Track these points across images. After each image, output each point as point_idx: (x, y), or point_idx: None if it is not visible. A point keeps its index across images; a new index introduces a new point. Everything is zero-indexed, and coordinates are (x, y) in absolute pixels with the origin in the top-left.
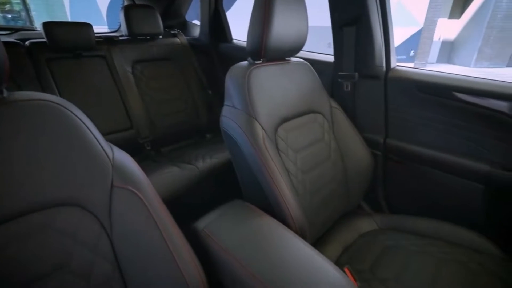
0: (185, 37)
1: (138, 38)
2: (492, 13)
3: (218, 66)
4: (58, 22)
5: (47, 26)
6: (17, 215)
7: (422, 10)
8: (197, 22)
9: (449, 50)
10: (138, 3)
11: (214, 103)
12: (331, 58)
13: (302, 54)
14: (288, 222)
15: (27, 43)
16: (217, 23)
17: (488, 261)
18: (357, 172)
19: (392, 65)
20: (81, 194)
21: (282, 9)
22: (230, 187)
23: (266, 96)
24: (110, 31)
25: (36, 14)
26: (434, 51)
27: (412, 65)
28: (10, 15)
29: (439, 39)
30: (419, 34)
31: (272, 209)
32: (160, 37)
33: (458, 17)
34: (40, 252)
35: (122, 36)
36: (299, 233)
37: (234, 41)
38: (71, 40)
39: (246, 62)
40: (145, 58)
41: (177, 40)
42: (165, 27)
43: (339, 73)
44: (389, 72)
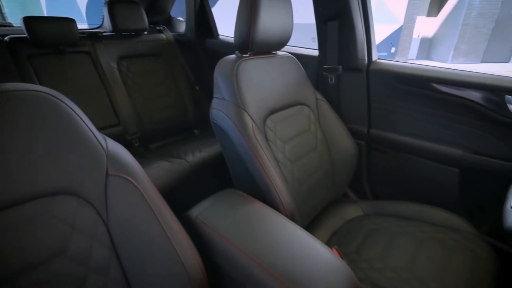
0: (170, 33)
1: (123, 34)
2: (466, 11)
3: (204, 62)
4: (39, 17)
5: (28, 21)
6: (14, 204)
7: (402, 7)
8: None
9: (428, 47)
10: None
11: (202, 99)
12: (316, 52)
13: (288, 48)
14: (279, 208)
15: (7, 39)
16: (203, 19)
17: (462, 237)
18: (342, 161)
19: (373, 58)
20: (76, 183)
21: (268, 3)
22: (221, 180)
23: (254, 88)
24: (93, 28)
25: (8, 11)
26: (414, 48)
27: None
28: None
29: (418, 36)
30: (400, 31)
31: (263, 196)
32: (145, 33)
33: (436, 15)
34: (38, 239)
35: (105, 32)
36: (290, 218)
37: (221, 36)
38: (54, 35)
39: (234, 56)
40: (130, 54)
41: (162, 36)
42: (150, 23)
43: (324, 66)
44: (370, 64)
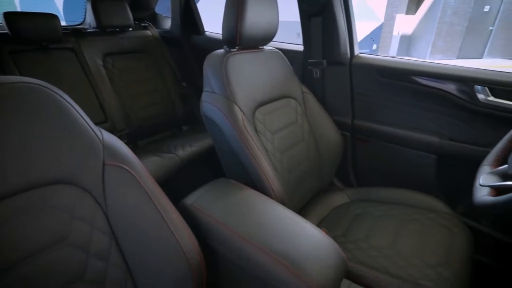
0: (156, 29)
1: (107, 30)
2: (442, 9)
3: (191, 58)
4: (21, 12)
5: (9, 16)
6: (13, 193)
7: (382, 5)
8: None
9: (407, 44)
10: None
11: (189, 95)
12: (301, 48)
13: (274, 44)
14: (270, 195)
15: None
16: (188, 15)
17: (439, 217)
18: (328, 151)
19: (355, 52)
20: (73, 173)
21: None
22: (212, 173)
23: (243, 81)
24: (75, 24)
25: None
26: (395, 45)
27: None
28: None
29: (398, 34)
30: (380, 28)
31: (254, 185)
32: (130, 29)
33: (414, 12)
34: (38, 227)
35: (89, 28)
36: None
37: (207, 33)
38: (36, 31)
39: (222, 50)
40: (116, 51)
41: (148, 32)
42: (134, 20)
43: (309, 60)
44: (353, 58)
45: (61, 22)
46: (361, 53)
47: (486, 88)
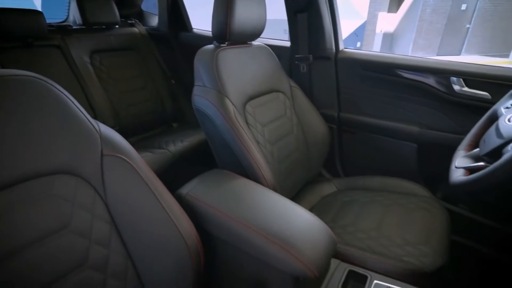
0: (143, 26)
1: (94, 27)
2: (422, 7)
3: (179, 56)
4: (4, 8)
5: None
6: (14, 183)
7: (364, 4)
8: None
9: (390, 42)
10: None
11: (178, 93)
12: (288, 44)
13: (262, 41)
14: (262, 184)
15: None
16: (175, 12)
17: (420, 201)
18: (316, 143)
19: (340, 47)
20: (73, 163)
21: None
22: (204, 166)
23: (233, 75)
24: (59, 22)
25: None
26: (378, 43)
27: None
28: None
29: (381, 31)
30: (364, 26)
31: (247, 174)
32: (116, 26)
33: (395, 11)
34: (41, 214)
35: (74, 25)
36: None
37: (194, 30)
38: (21, 27)
39: (212, 46)
40: (103, 48)
41: (135, 29)
42: (120, 17)
43: (296, 56)
44: (338, 53)
45: None
46: (345, 48)
47: (461, 79)
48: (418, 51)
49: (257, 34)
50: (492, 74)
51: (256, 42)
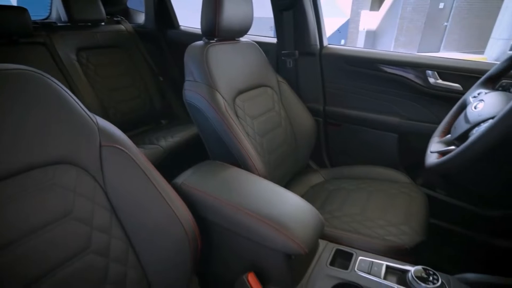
0: (129, 24)
1: (79, 24)
2: (403, 6)
3: (167, 53)
4: None
5: None
6: (17, 172)
7: (347, 2)
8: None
9: (372, 39)
10: None
11: (166, 89)
12: (274, 40)
13: (250, 37)
14: (253, 173)
15: None
16: (162, 10)
17: (401, 187)
18: (303, 136)
19: (324, 43)
20: (72, 154)
21: None
22: (196, 160)
23: (223, 70)
24: (41, 19)
25: None
26: (361, 40)
27: None
28: None
29: (364, 29)
30: (347, 24)
31: (238, 165)
32: (102, 24)
33: (377, 9)
34: (44, 202)
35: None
36: None
37: (182, 27)
38: (5, 24)
39: (201, 42)
40: (89, 46)
41: (121, 27)
42: (106, 14)
43: (282, 51)
44: (322, 49)
45: None
46: (329, 44)
47: (435, 72)
48: (400, 48)
49: (244, 30)
50: (462, 67)
51: (244, 39)
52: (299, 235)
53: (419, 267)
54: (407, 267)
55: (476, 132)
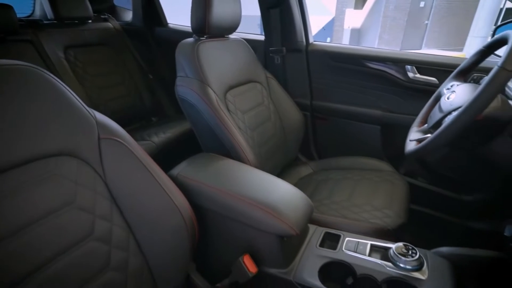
0: (117, 22)
1: (66, 22)
2: (385, 4)
3: (155, 50)
4: None
5: None
6: (20, 163)
7: (333, 0)
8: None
9: (357, 37)
10: None
11: (156, 87)
12: (262, 37)
13: (238, 35)
14: (245, 163)
15: None
16: (150, 7)
17: (385, 175)
18: (292, 130)
19: (310, 40)
20: (73, 146)
21: None
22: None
23: (213, 66)
24: (25, 16)
25: None
26: (346, 38)
27: None
28: None
29: (349, 27)
30: (332, 22)
31: (231, 157)
32: (89, 21)
33: (361, 7)
34: (47, 192)
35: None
36: None
37: (170, 25)
38: None
39: (192, 39)
40: (77, 43)
41: (109, 24)
42: (93, 12)
43: (270, 48)
44: (308, 46)
45: None
46: (315, 41)
47: (414, 67)
48: (384, 46)
49: (233, 27)
50: (438, 62)
51: (233, 36)
52: (290, 218)
53: (400, 244)
54: (389, 245)
55: (447, 120)
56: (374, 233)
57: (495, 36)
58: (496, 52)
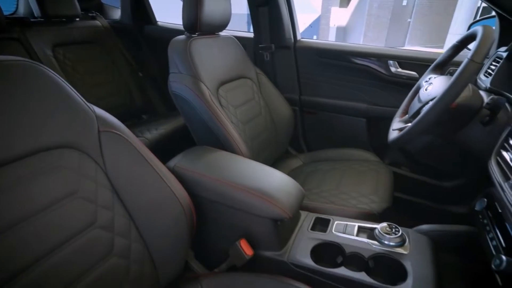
0: (105, 20)
1: (53, 20)
2: (370, 2)
3: (145, 48)
4: None
5: None
6: (23, 156)
7: None
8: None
9: (343, 35)
10: None
11: (146, 85)
12: (251, 35)
13: (228, 33)
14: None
15: None
16: (139, 5)
17: (371, 165)
18: (282, 124)
19: (298, 37)
20: (74, 139)
21: None
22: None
23: (205, 62)
24: (10, 14)
25: None
26: (332, 36)
27: None
28: None
29: (334, 26)
30: (319, 20)
31: (225, 149)
32: (77, 19)
33: (346, 6)
34: (51, 183)
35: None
36: None
37: (159, 23)
38: None
39: (184, 36)
40: (65, 41)
41: (97, 22)
42: (80, 10)
43: (259, 45)
44: (296, 43)
45: None
46: (302, 38)
47: (396, 62)
48: (368, 43)
49: (224, 25)
50: (418, 57)
51: (223, 33)
52: (283, 202)
53: (384, 224)
54: (375, 226)
55: (425, 109)
56: (361, 217)
57: (466, 32)
58: (469, 46)
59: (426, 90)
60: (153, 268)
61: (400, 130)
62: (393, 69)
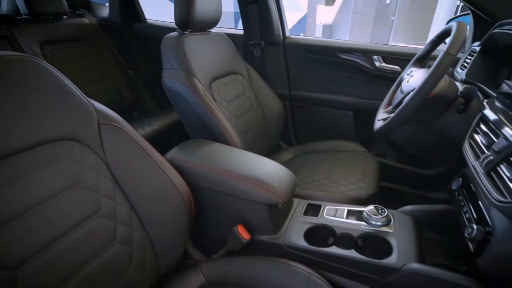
0: (93, 17)
1: (40, 18)
2: (354, 1)
3: (134, 46)
4: None
5: None
6: (25, 148)
7: None
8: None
9: (329, 33)
10: None
11: (136, 82)
12: (241, 32)
13: (219, 30)
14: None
15: None
16: (127, 3)
17: (358, 155)
18: (273, 118)
19: (286, 34)
20: (75, 131)
21: None
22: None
23: (198, 58)
24: None
25: None
26: (319, 34)
27: None
28: None
29: (321, 23)
30: (305, 18)
31: (219, 142)
32: (64, 17)
33: (332, 4)
34: (55, 173)
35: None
36: None
37: (148, 20)
38: None
39: (176, 33)
40: (53, 39)
41: (85, 20)
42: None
43: (249, 42)
44: (285, 39)
45: None
46: (291, 35)
47: (380, 57)
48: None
49: (215, 22)
50: (400, 52)
51: (214, 30)
52: (277, 188)
53: (371, 206)
54: (363, 208)
55: (406, 99)
56: (350, 202)
57: (443, 28)
58: (446, 40)
59: (407, 82)
60: (154, 255)
61: (384, 120)
62: (377, 63)
